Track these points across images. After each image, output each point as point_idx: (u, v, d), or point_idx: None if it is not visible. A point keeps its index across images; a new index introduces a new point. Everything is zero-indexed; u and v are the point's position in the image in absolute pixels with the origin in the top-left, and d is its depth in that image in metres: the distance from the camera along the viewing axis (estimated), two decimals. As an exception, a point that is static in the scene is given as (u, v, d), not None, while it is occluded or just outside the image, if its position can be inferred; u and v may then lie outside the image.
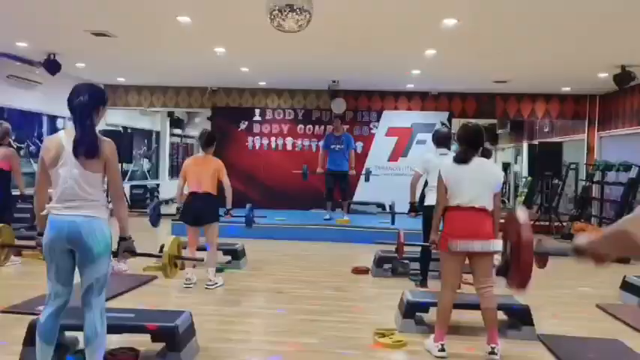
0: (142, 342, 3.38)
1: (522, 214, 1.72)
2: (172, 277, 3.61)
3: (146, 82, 11.42)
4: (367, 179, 9.43)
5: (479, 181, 3.57)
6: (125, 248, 2.94)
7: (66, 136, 2.74)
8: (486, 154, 3.74)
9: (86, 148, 2.67)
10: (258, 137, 11.34)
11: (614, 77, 7.97)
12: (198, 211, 5.26)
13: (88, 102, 2.73)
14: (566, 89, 10.43)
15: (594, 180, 10.13)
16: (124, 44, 7.49)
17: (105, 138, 2.78)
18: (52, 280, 2.76)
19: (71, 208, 2.69)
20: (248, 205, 6.71)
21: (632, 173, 8.64)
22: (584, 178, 10.66)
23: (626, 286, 5.31)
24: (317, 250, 7.66)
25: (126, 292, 4.95)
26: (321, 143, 9.68)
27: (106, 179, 2.84)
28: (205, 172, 5.26)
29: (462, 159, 3.62)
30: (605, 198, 9.92)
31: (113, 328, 3.10)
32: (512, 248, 1.57)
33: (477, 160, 3.63)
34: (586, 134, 10.97)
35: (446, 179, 3.66)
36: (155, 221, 5.92)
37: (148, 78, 10.91)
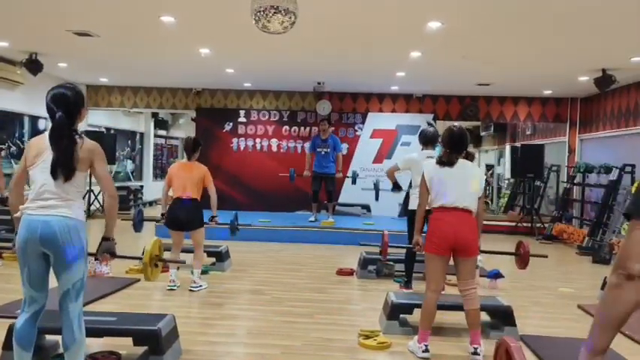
0: (123, 345, 3.34)
1: (514, 343, 1.74)
2: (153, 280, 3.56)
3: (129, 83, 11.31)
4: (354, 182, 9.45)
5: (462, 183, 3.60)
6: (106, 249, 2.86)
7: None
8: (470, 158, 3.76)
9: (63, 171, 2.61)
10: (243, 139, 11.30)
11: (595, 80, 8.09)
12: (183, 217, 5.23)
13: (64, 119, 2.64)
14: (548, 92, 10.57)
15: (575, 182, 10.27)
16: (106, 44, 7.41)
17: (88, 141, 2.72)
18: (26, 284, 2.68)
19: (45, 208, 2.61)
20: (233, 213, 6.68)
21: (613, 175, 8.77)
22: (566, 180, 10.80)
23: (607, 286, 5.38)
24: (301, 252, 7.65)
25: (107, 295, 4.88)
26: (307, 145, 9.69)
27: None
28: (190, 178, 5.23)
29: (445, 162, 3.65)
30: (586, 199, 10.06)
31: (94, 332, 3.06)
32: None
33: (460, 163, 3.66)
34: (567, 136, 11.12)
35: (429, 180, 3.68)
36: (138, 227, 5.87)
37: (132, 78, 10.81)
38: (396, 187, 5.81)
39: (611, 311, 1.33)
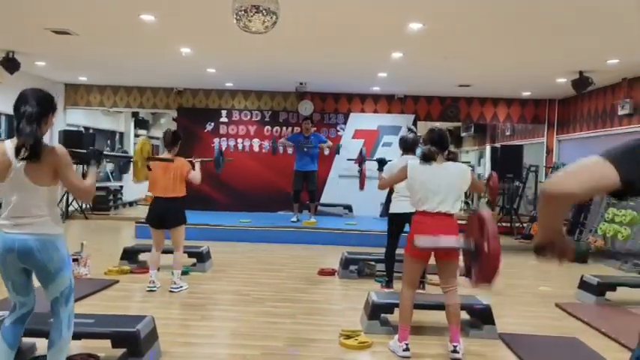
0: (102, 348, 3.29)
1: (486, 211, 1.75)
2: (140, 180, 3.50)
3: (109, 82, 11.18)
4: (338, 152, 9.59)
5: (445, 187, 3.60)
6: (92, 155, 2.88)
7: (12, 145, 2.54)
8: (453, 158, 3.76)
9: (29, 152, 2.47)
10: (224, 139, 11.24)
11: (573, 82, 8.23)
12: (164, 214, 5.17)
13: (35, 111, 2.53)
14: (527, 94, 10.72)
15: (553, 182, 10.41)
16: (85, 43, 7.31)
17: (50, 145, 2.63)
18: (12, 292, 2.70)
19: (21, 226, 2.55)
20: (217, 150, 6.59)
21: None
22: (544, 180, 10.96)
23: (584, 285, 5.48)
24: (283, 253, 7.64)
25: (86, 296, 4.82)
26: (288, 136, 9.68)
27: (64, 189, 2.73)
28: (171, 175, 5.16)
29: (427, 157, 3.66)
30: (564, 200, 10.21)
31: (72, 335, 3.01)
32: (477, 244, 1.56)
33: (444, 164, 3.66)
34: (545, 137, 11.30)
35: (411, 179, 3.69)
36: (123, 169, 5.87)
37: (111, 77, 10.68)
38: (381, 162, 5.55)
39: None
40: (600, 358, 3.71)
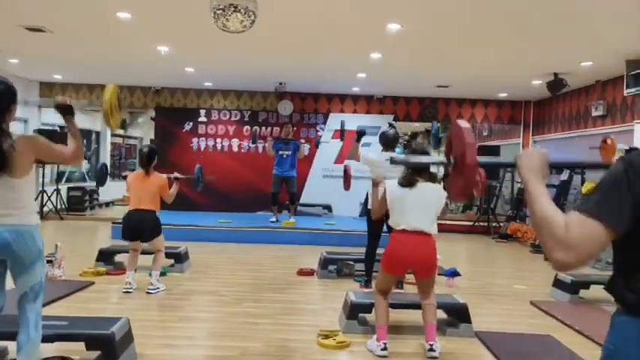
0: (75, 351, 3.24)
1: (463, 121, 1.74)
2: (115, 128, 3.44)
3: (85, 80, 11.00)
4: (317, 146, 9.98)
5: (422, 208, 3.63)
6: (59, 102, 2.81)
7: None
8: (432, 179, 3.73)
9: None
10: (203, 138, 11.15)
11: (547, 84, 8.37)
12: (139, 228, 5.17)
13: None
14: (504, 95, 10.88)
15: (529, 182, 10.57)
16: (61, 40, 7.18)
17: (20, 135, 2.60)
18: None
19: None
20: (198, 168, 6.64)
21: (564, 175, 9.09)
22: (520, 180, 11.11)
23: (558, 283, 5.58)
24: (262, 253, 7.61)
25: (60, 298, 4.73)
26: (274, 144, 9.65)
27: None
28: (146, 190, 5.15)
29: (406, 183, 3.67)
30: (540, 199, 10.38)
31: (45, 337, 2.95)
32: (456, 157, 1.55)
33: (422, 186, 3.65)
34: (521, 138, 11.47)
35: (390, 201, 3.71)
36: (101, 180, 5.78)
37: (87, 76, 10.51)
38: (360, 134, 5.50)
39: None
40: (574, 355, 3.78)
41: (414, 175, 3.66)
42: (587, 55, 7.11)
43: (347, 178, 5.35)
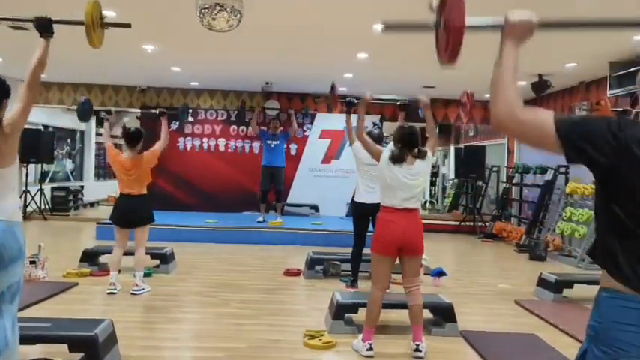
0: (58, 352, 3.20)
1: None
2: (99, 45, 3.34)
3: (69, 79, 10.86)
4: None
5: (412, 185, 3.66)
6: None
7: None
8: (422, 156, 3.76)
9: None
10: (189, 138, 11.08)
11: (532, 85, 8.45)
12: (130, 213, 5.09)
13: None
14: (489, 96, 10.92)
15: (514, 182, 10.69)
16: (43, 38, 7.08)
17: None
18: None
19: None
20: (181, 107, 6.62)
21: (548, 175, 9.19)
22: (505, 181, 11.23)
23: (542, 282, 5.64)
24: (249, 253, 7.58)
25: (43, 300, 4.66)
26: (255, 145, 9.68)
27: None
28: (135, 174, 5.10)
29: (396, 158, 3.70)
30: (524, 199, 10.51)
31: (27, 339, 2.91)
32: (447, 19, 1.54)
33: (412, 164, 3.69)
34: (506, 138, 11.55)
35: (380, 170, 3.76)
36: (83, 116, 5.80)
37: (72, 74, 10.38)
38: (349, 103, 5.08)
39: None
40: (557, 353, 3.82)
41: (404, 149, 3.69)
42: (571, 57, 7.19)
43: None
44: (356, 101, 4.67)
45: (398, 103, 5.00)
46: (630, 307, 1.24)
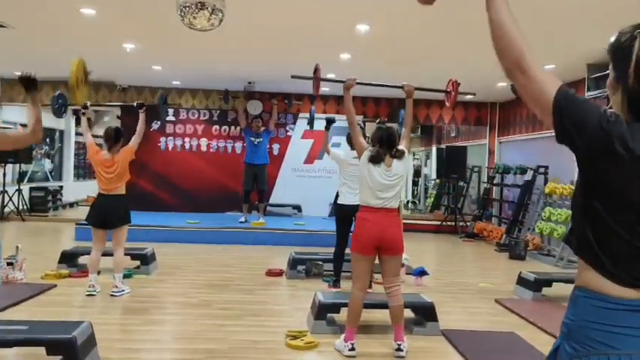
0: (36, 355, 3.15)
1: None
2: (81, 102, 3.30)
3: (48, 77, 10.68)
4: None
5: (389, 185, 3.68)
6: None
7: None
8: (399, 155, 3.78)
9: None
10: (171, 138, 10.99)
11: (512, 86, 8.53)
12: (106, 213, 5.02)
13: None
14: (470, 97, 11.04)
15: (494, 182, 10.82)
16: (22, 36, 6.96)
17: None
18: None
19: None
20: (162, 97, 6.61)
21: (528, 176, 9.31)
22: (486, 181, 11.34)
23: (522, 281, 5.71)
24: (231, 254, 7.55)
25: (21, 302, 4.57)
26: (237, 145, 9.64)
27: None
28: (114, 173, 5.05)
29: (375, 160, 3.71)
30: (504, 199, 10.64)
31: (3, 342, 2.87)
32: None
33: (389, 163, 3.71)
34: (487, 139, 11.69)
35: (360, 170, 3.78)
36: (59, 111, 5.76)
37: (50, 73, 10.19)
38: (329, 121, 5.63)
39: None
40: (536, 351, 3.87)
41: (382, 149, 3.71)
42: (549, 59, 7.29)
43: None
44: (336, 119, 4.84)
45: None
46: (603, 307, 1.26)
